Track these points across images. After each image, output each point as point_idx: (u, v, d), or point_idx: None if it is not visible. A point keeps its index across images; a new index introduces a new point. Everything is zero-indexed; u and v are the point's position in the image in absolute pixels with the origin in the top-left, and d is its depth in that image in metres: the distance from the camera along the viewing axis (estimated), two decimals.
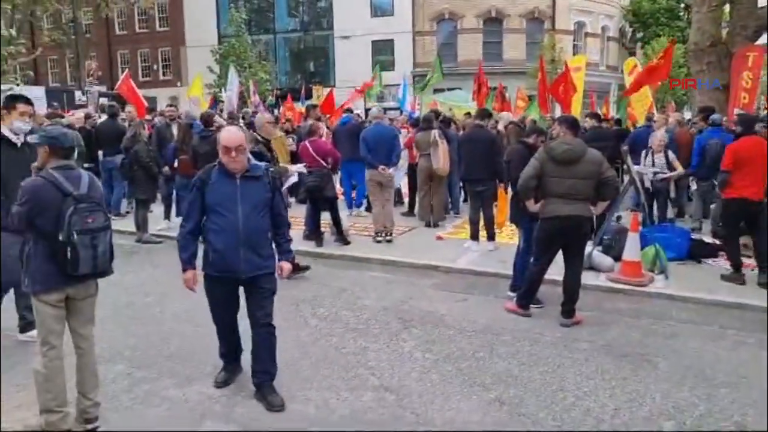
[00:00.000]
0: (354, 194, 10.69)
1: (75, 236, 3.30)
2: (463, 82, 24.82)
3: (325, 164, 7.95)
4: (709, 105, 10.49)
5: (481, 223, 7.98)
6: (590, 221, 5.55)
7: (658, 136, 8.57)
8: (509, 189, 7.14)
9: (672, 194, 8.85)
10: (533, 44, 31.24)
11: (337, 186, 10.22)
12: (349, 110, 13.46)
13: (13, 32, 19.19)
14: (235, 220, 3.72)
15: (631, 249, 6.57)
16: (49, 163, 3.45)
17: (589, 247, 6.89)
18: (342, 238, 8.19)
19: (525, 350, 4.84)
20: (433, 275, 7.06)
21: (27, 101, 4.81)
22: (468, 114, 13.31)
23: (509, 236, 8.23)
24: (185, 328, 5.32)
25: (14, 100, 4.79)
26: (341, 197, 10.07)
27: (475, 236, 8.00)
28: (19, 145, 4.66)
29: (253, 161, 3.93)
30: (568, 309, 5.41)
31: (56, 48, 33.38)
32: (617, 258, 6.89)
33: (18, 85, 19.91)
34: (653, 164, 8.38)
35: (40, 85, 29.26)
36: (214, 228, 3.77)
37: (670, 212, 8.99)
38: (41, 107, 17.51)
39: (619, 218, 7.84)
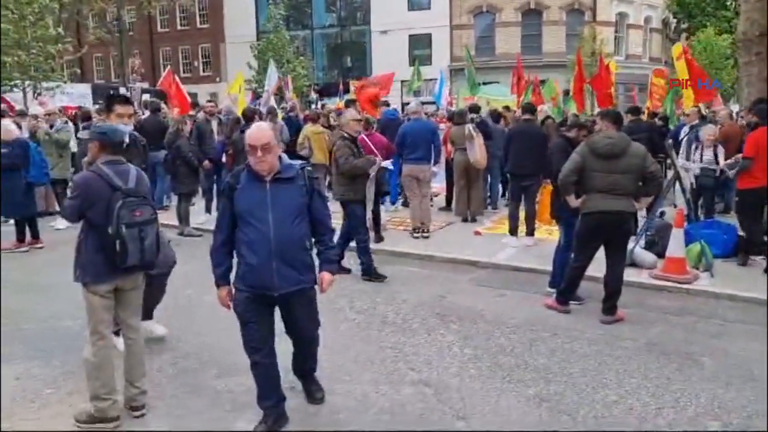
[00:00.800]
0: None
1: (123, 229, 3.40)
2: (501, 76, 24.59)
3: (382, 158, 7.96)
4: (762, 97, 10.14)
5: (521, 218, 7.92)
6: (633, 217, 5.44)
7: (709, 131, 8.32)
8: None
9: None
10: (573, 36, 30.70)
11: None
12: (386, 104, 13.44)
13: (61, 31, 19.73)
14: (266, 229, 3.27)
15: (676, 245, 6.42)
16: (99, 158, 3.56)
17: (631, 243, 6.77)
18: (378, 234, 8.21)
19: (565, 347, 4.79)
20: (471, 271, 7.03)
21: (125, 101, 4.58)
22: (506, 108, 13.19)
23: (548, 231, 8.13)
24: (226, 320, 5.39)
25: (111, 101, 4.54)
26: None
27: (514, 231, 7.94)
28: (123, 147, 4.44)
29: (287, 161, 3.44)
30: (609, 306, 5.33)
31: (101, 46, 34.31)
32: (661, 255, 6.74)
33: (65, 82, 20.52)
34: (701, 159, 8.16)
35: (86, 82, 30.11)
36: (244, 239, 3.34)
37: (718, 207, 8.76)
38: (87, 104, 18.05)
39: (662, 214, 7.67)
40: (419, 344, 4.84)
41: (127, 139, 3.79)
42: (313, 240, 3.54)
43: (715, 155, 8.13)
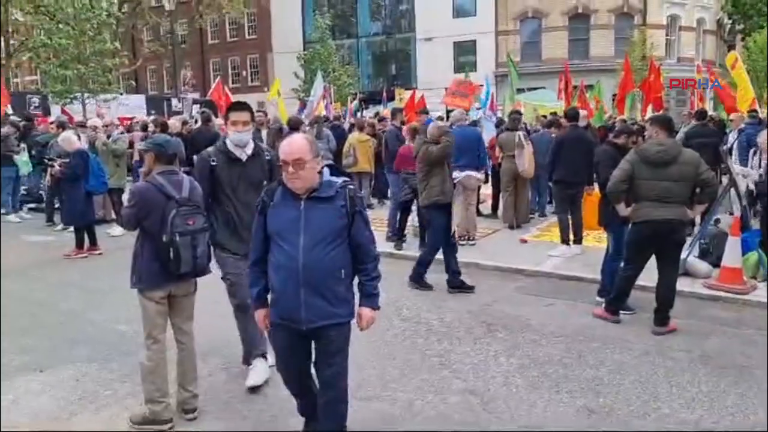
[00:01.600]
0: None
1: (177, 237, 3.51)
2: (547, 81, 24.28)
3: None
4: None
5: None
6: (686, 226, 5.29)
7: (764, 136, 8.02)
8: (594, 191, 7.09)
9: None
10: (622, 40, 30.05)
11: None
12: (425, 112, 13.39)
13: (117, 45, 20.51)
14: (295, 254, 2.91)
15: (732, 254, 6.21)
16: (155, 168, 3.70)
17: (684, 252, 6.58)
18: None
19: (614, 358, 4.69)
20: (517, 279, 6.97)
21: (241, 108, 4.16)
22: (554, 113, 13.03)
23: (596, 239, 7.98)
24: None
25: (229, 110, 4.21)
26: None
27: (567, 241, 7.83)
28: (244, 159, 4.14)
29: (327, 177, 3.02)
30: (661, 317, 5.19)
31: (155, 58, 35.52)
32: (715, 264, 6.53)
33: (121, 94, 21.29)
34: (759, 165, 7.87)
35: (141, 93, 31.18)
36: (273, 263, 3.01)
37: None
38: (141, 114, 18.69)
39: (717, 221, 7.42)
40: (465, 353, 4.82)
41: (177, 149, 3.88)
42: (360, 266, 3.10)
43: None
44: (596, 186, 6.54)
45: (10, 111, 15.27)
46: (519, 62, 30.30)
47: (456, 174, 8.37)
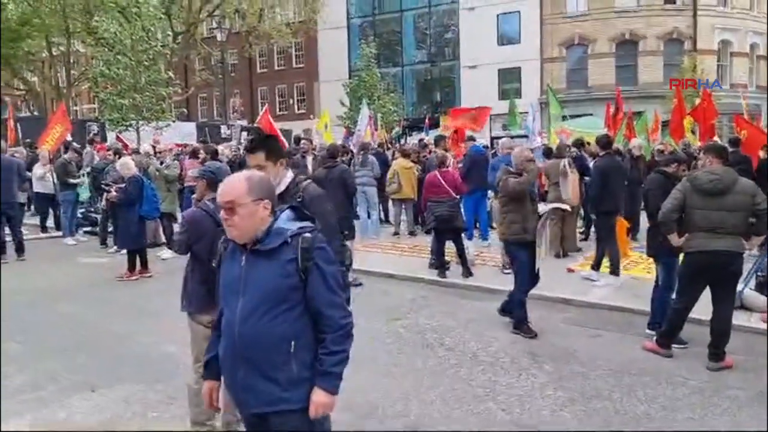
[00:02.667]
0: (476, 226, 10.62)
1: None
2: (594, 108, 23.99)
3: (454, 195, 8.04)
4: None
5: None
6: (741, 257, 5.09)
7: None
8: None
9: None
10: (671, 66, 29.50)
11: None
12: (472, 138, 13.37)
13: (171, 74, 21.29)
14: (232, 320, 2.39)
15: None
16: (206, 195, 3.80)
17: (740, 285, 6.34)
18: (466, 269, 8.15)
19: (666, 394, 4.53)
20: (564, 309, 6.83)
21: (252, 148, 3.47)
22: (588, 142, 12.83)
23: (646, 270, 7.77)
24: None
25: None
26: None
27: (617, 270, 7.68)
28: None
29: (281, 223, 2.44)
30: (716, 352, 4.99)
31: (205, 87, 36.69)
32: None
33: (173, 121, 22.01)
34: None
35: (191, 121, 32.19)
36: (221, 326, 2.53)
37: None
38: (192, 141, 19.25)
39: None
40: (510, 384, 4.74)
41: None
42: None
43: None
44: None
45: (69, 138, 15.98)
46: (565, 89, 30.14)
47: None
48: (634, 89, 28.76)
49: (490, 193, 9.69)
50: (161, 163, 10.68)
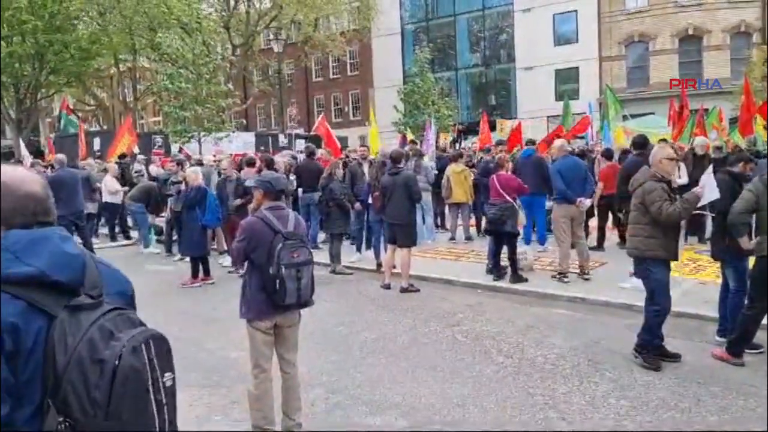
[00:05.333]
0: (534, 230, 10.44)
1: (283, 270, 3.66)
2: (655, 106, 23.24)
3: (509, 198, 7.94)
4: None
5: None
6: None
7: None
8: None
9: None
10: (739, 60, 28.20)
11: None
12: (532, 142, 13.22)
13: (230, 86, 21.92)
14: None
15: None
16: (263, 204, 3.90)
17: None
18: (517, 275, 8.01)
19: (738, 404, 4.32)
20: (627, 315, 6.60)
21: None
22: (664, 140, 12.41)
23: (715, 274, 7.44)
24: (373, 356, 5.58)
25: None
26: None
27: None
28: None
29: None
30: None
31: (263, 97, 37.58)
32: None
33: (233, 132, 22.63)
34: None
35: (250, 131, 33.02)
36: None
37: None
38: (251, 150, 19.74)
39: None
40: (571, 392, 4.63)
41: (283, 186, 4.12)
42: None
43: None
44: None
45: (137, 150, 16.69)
46: (625, 88, 29.27)
47: (564, 207, 8.11)
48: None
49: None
50: (219, 174, 10.97)
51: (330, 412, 4.43)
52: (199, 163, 11.99)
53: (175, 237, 10.75)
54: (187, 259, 9.17)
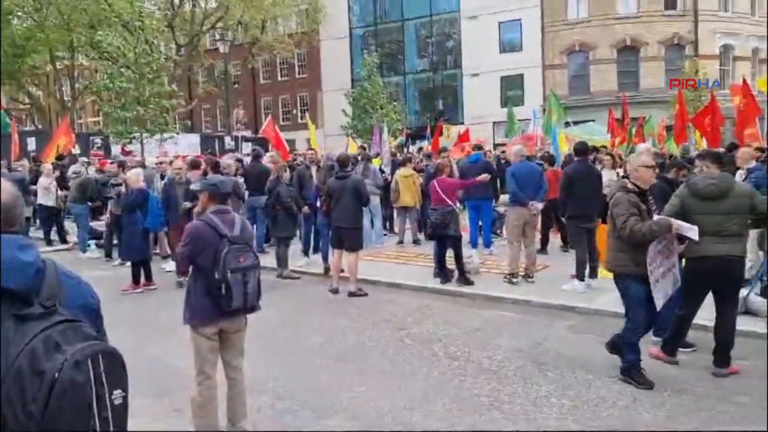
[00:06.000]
0: (480, 233, 10.62)
1: (229, 274, 3.60)
2: (596, 114, 24.00)
3: (450, 202, 8.06)
4: None
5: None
6: (743, 262, 5.06)
7: None
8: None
9: None
10: (673, 71, 29.51)
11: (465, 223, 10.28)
12: (479, 147, 13.44)
13: (174, 87, 21.44)
14: None
15: None
16: (208, 207, 3.83)
17: (745, 290, 6.32)
18: (464, 278, 8.15)
19: (673, 401, 4.50)
20: (568, 316, 6.81)
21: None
22: (604, 147, 12.86)
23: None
24: (320, 362, 5.55)
25: None
26: (466, 234, 10.09)
27: (583, 276, 7.69)
28: None
29: None
30: (721, 358, 4.97)
31: (209, 98, 36.92)
32: None
33: (177, 133, 22.13)
34: None
35: (195, 132, 32.36)
36: None
37: None
38: (195, 152, 19.36)
39: None
40: (515, 393, 4.72)
41: (229, 189, 4.07)
42: None
43: None
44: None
45: (76, 151, 16.10)
46: (567, 95, 30.15)
47: (518, 210, 8.28)
48: (636, 95, 28.76)
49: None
50: (162, 176, 10.70)
51: (277, 418, 4.38)
52: (141, 165, 11.66)
53: (115, 241, 10.42)
54: (128, 264, 8.90)
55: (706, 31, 30.72)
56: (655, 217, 4.85)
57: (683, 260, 5.14)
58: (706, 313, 5.17)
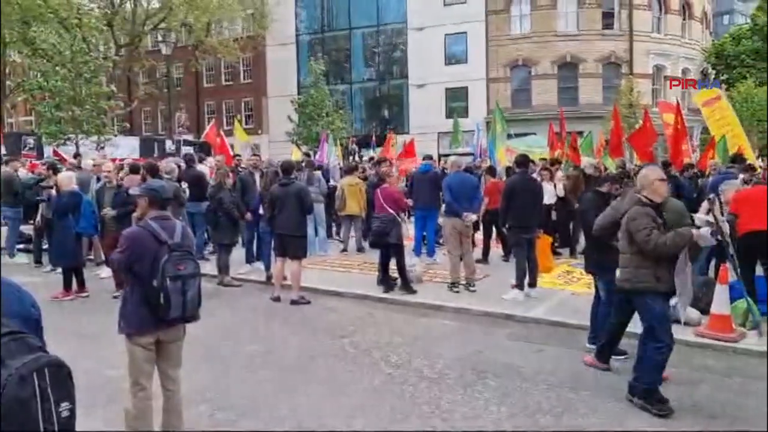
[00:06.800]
0: (425, 242, 10.73)
1: (168, 282, 3.51)
2: (537, 127, 24.68)
3: (391, 211, 8.12)
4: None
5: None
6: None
7: (733, 187, 7.89)
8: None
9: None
10: (610, 88, 30.77)
11: (411, 232, 10.37)
12: (429, 157, 13.55)
13: (113, 87, 20.78)
14: None
15: (720, 302, 6.24)
16: (148, 213, 3.72)
17: (674, 300, 6.60)
18: (406, 285, 8.21)
19: (606, 407, 4.65)
20: (508, 325, 6.95)
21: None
22: (543, 159, 13.22)
23: (587, 285, 8.01)
24: (261, 370, 5.47)
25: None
26: (411, 243, 10.18)
27: (522, 285, 7.87)
28: None
29: None
30: None
31: (150, 100, 35.94)
32: (705, 311, 6.55)
33: (115, 135, 21.43)
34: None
35: (135, 135, 31.39)
36: None
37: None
38: (135, 156, 18.80)
39: (704, 269, 7.47)
40: (456, 401, 4.78)
41: (170, 194, 3.97)
42: None
43: None
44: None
45: (3, 151, 15.35)
46: (510, 108, 30.90)
47: (453, 220, 8.42)
48: (576, 109, 29.77)
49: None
50: (98, 179, 10.31)
51: (214, 429, 4.28)
52: (76, 167, 11.22)
53: (45, 246, 9.97)
54: (59, 270, 8.53)
55: (641, 51, 32.17)
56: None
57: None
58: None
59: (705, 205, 8.46)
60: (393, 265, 8.37)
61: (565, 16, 32.24)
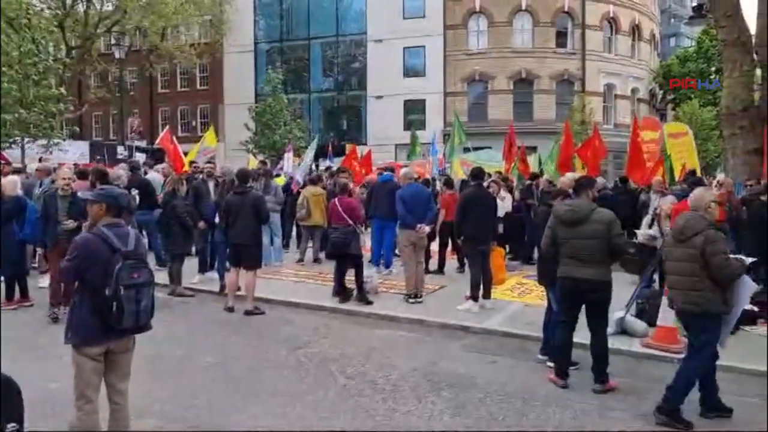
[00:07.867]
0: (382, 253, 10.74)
1: (122, 291, 3.42)
2: (493, 141, 25.09)
3: (350, 222, 8.12)
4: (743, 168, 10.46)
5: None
6: (605, 285, 5.30)
7: (669, 202, 8.12)
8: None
9: None
10: (563, 105, 31.60)
11: (368, 243, 10.36)
12: (391, 169, 13.57)
13: (63, 90, 20.15)
14: None
15: (666, 314, 6.42)
16: (101, 220, 3.61)
17: (622, 312, 6.80)
18: (363, 296, 8.20)
19: (556, 417, 4.74)
20: (462, 336, 7.01)
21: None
22: (498, 173, 13.45)
23: (540, 297, 8.15)
24: (214, 382, 5.37)
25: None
26: (368, 254, 10.18)
27: (477, 297, 7.93)
28: None
29: None
30: (598, 374, 5.31)
31: (101, 104, 34.98)
32: (652, 323, 6.76)
33: (64, 140, 20.77)
34: (662, 234, 7.91)
35: (85, 139, 30.49)
36: None
37: None
38: (84, 161, 18.26)
39: (649, 281, 7.68)
40: (410, 412, 4.79)
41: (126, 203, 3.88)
42: None
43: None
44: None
45: None
46: (466, 122, 31.35)
47: (407, 232, 8.47)
48: (530, 125, 30.41)
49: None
50: (41, 184, 9.93)
51: None
52: (19, 171, 10.80)
53: None
54: (1, 278, 8.18)
55: (592, 70, 33.16)
56: None
57: None
58: (587, 332, 5.50)
59: (646, 219, 8.79)
60: (349, 275, 8.36)
61: (521, 33, 32.98)
